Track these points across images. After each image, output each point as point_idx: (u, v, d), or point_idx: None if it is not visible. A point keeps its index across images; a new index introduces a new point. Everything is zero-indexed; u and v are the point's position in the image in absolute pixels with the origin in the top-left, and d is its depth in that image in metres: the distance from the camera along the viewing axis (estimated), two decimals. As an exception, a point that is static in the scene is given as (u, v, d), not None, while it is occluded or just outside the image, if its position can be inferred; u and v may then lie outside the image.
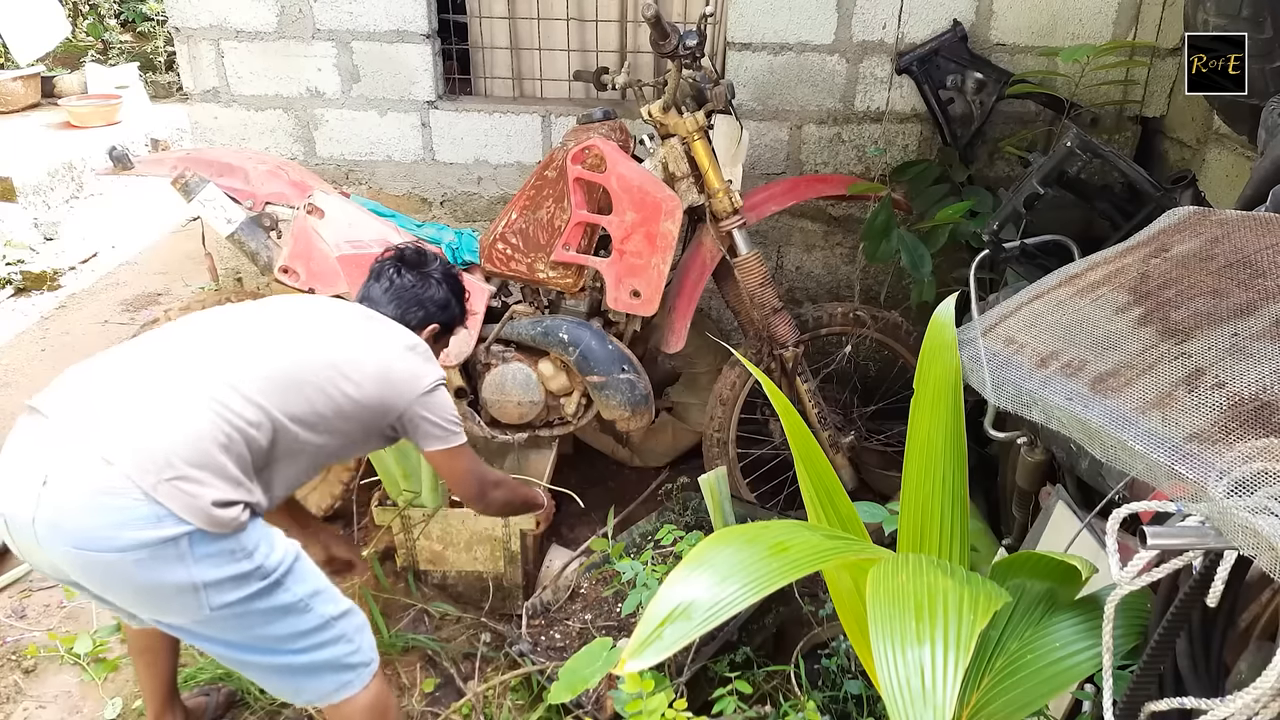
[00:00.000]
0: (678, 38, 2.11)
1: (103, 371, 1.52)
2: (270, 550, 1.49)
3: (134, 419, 1.42)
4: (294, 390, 1.56)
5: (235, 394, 1.49)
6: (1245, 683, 0.96)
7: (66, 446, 1.40)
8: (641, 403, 2.41)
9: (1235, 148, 2.39)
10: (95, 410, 1.44)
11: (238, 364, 1.53)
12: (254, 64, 2.95)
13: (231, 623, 1.48)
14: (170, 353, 1.56)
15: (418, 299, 1.87)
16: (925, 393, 1.41)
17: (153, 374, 1.51)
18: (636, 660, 0.96)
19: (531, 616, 2.19)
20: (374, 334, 1.74)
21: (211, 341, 1.59)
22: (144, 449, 1.39)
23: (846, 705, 1.89)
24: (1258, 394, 1.06)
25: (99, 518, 1.36)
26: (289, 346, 1.61)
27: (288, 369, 1.57)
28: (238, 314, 1.68)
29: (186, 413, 1.44)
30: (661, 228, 2.24)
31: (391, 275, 1.87)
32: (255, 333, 1.63)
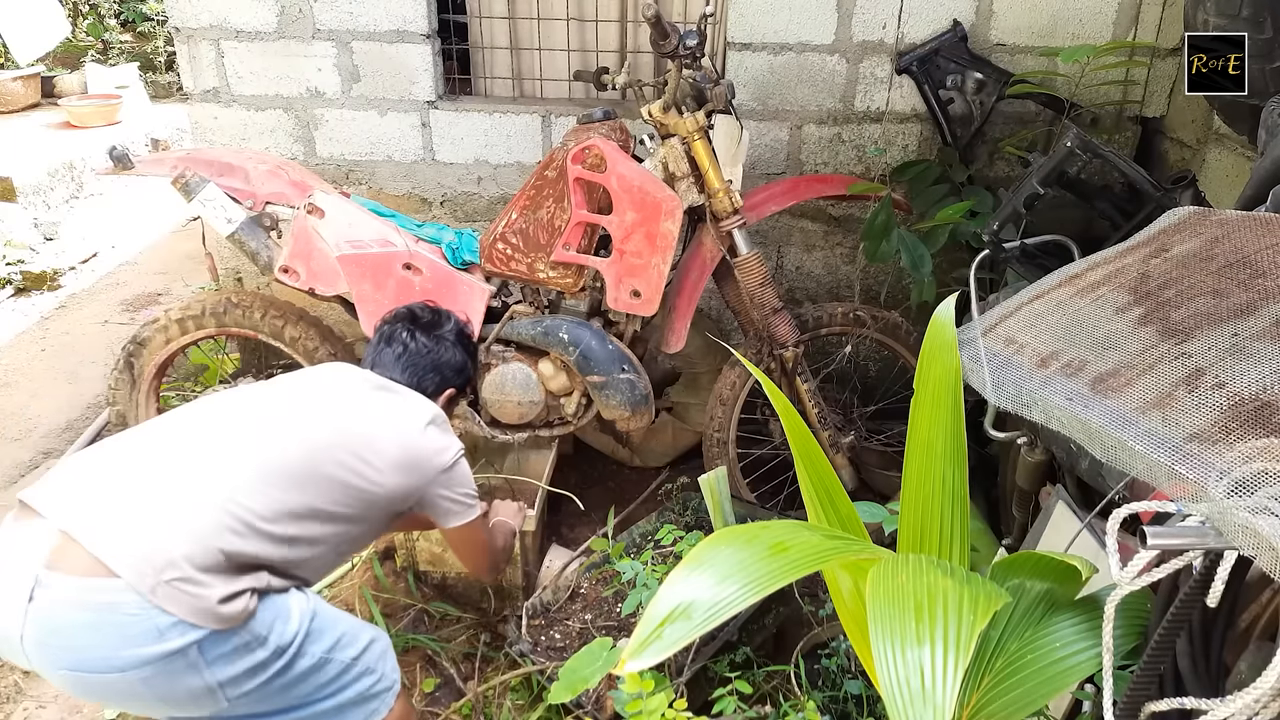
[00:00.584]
0: (678, 38, 2.11)
1: (101, 465, 1.42)
2: (285, 625, 1.42)
3: (133, 518, 1.33)
4: (311, 481, 1.47)
5: (247, 488, 1.40)
6: (1245, 683, 0.96)
7: (56, 551, 1.29)
8: (641, 403, 2.41)
9: (1235, 148, 2.39)
10: (91, 508, 1.34)
11: (251, 455, 1.45)
12: (254, 64, 2.95)
13: (254, 704, 1.42)
14: (178, 444, 1.47)
15: (433, 364, 1.79)
16: (925, 393, 1.41)
17: (157, 468, 1.42)
18: (636, 660, 0.96)
19: (531, 616, 2.19)
20: (391, 412, 1.64)
21: (223, 430, 1.50)
22: (143, 551, 1.29)
23: (846, 705, 1.89)
24: (1258, 394, 1.06)
25: (93, 635, 1.27)
26: (304, 432, 1.52)
27: (304, 458, 1.48)
28: (251, 398, 1.59)
29: (191, 511, 1.36)
30: (661, 228, 2.24)
31: (404, 339, 1.78)
32: (269, 419, 1.54)
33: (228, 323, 2.52)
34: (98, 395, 3.44)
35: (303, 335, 2.52)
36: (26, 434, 3.22)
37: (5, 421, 3.30)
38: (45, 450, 3.12)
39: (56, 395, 3.48)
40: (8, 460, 3.06)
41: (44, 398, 3.46)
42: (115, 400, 2.56)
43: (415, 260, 2.34)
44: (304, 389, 1.64)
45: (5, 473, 2.99)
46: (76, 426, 3.25)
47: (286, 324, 2.53)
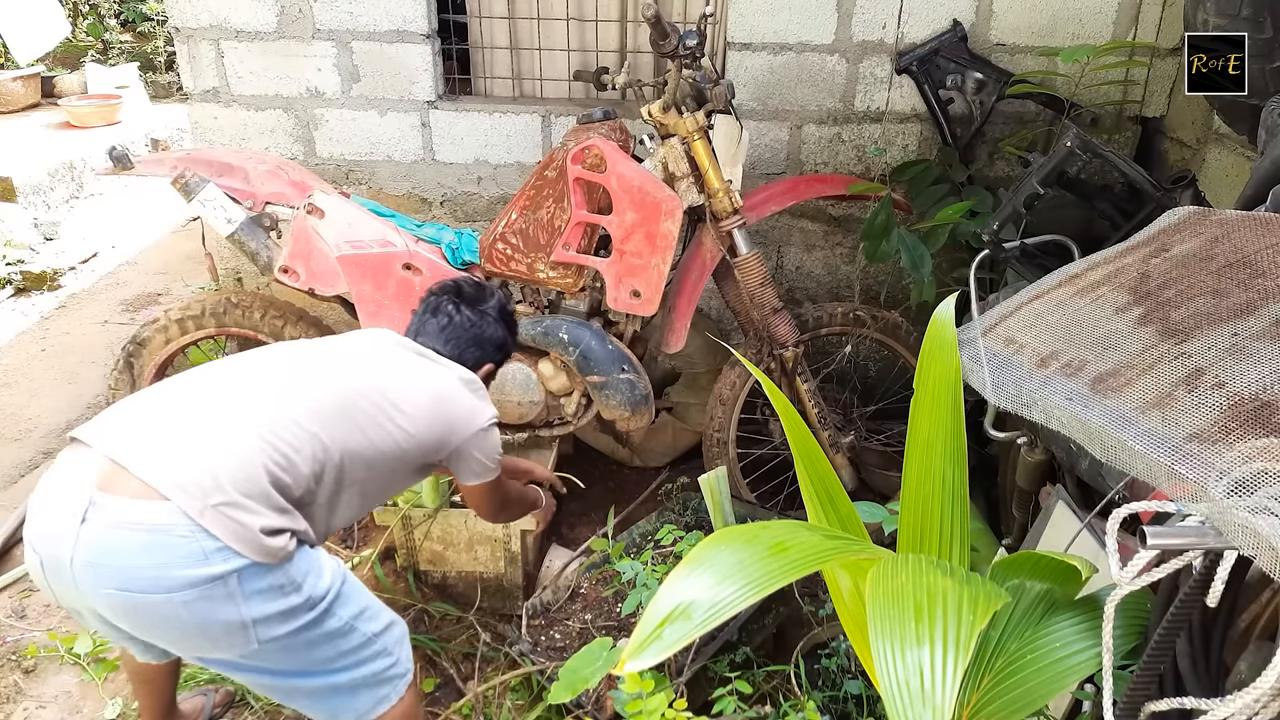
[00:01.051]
0: (678, 38, 2.11)
1: (149, 403, 1.49)
2: (319, 579, 1.46)
3: (179, 447, 1.38)
4: (344, 419, 1.52)
5: (285, 421, 1.45)
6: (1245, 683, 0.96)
7: (107, 477, 1.34)
8: (641, 403, 2.41)
9: (1235, 148, 2.39)
10: (139, 438, 1.39)
11: (287, 392, 1.50)
12: (254, 64, 2.95)
13: (278, 654, 1.45)
14: (219, 384, 1.53)
15: (476, 338, 1.82)
16: (925, 393, 1.41)
17: (200, 404, 1.48)
18: (636, 660, 0.96)
19: (531, 616, 2.19)
20: (428, 369, 1.70)
21: (261, 373, 1.56)
22: (190, 475, 1.34)
23: (846, 705, 1.89)
24: (1258, 394, 1.06)
25: (144, 557, 1.31)
26: (339, 375, 1.58)
27: (338, 397, 1.54)
28: (289, 349, 1.66)
29: (234, 439, 1.40)
30: (661, 228, 2.24)
31: (450, 311, 1.81)
32: (305, 364, 1.60)
33: (228, 323, 2.52)
34: (98, 395, 3.44)
35: (303, 335, 2.52)
36: (26, 434, 3.22)
37: (5, 421, 3.30)
38: (45, 450, 3.12)
39: (56, 395, 3.48)
40: (8, 460, 3.06)
41: (44, 398, 3.46)
42: (115, 400, 2.56)
43: (415, 260, 2.34)
44: (346, 345, 1.70)
45: (5, 473, 2.99)
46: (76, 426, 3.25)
47: (286, 324, 2.53)
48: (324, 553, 1.51)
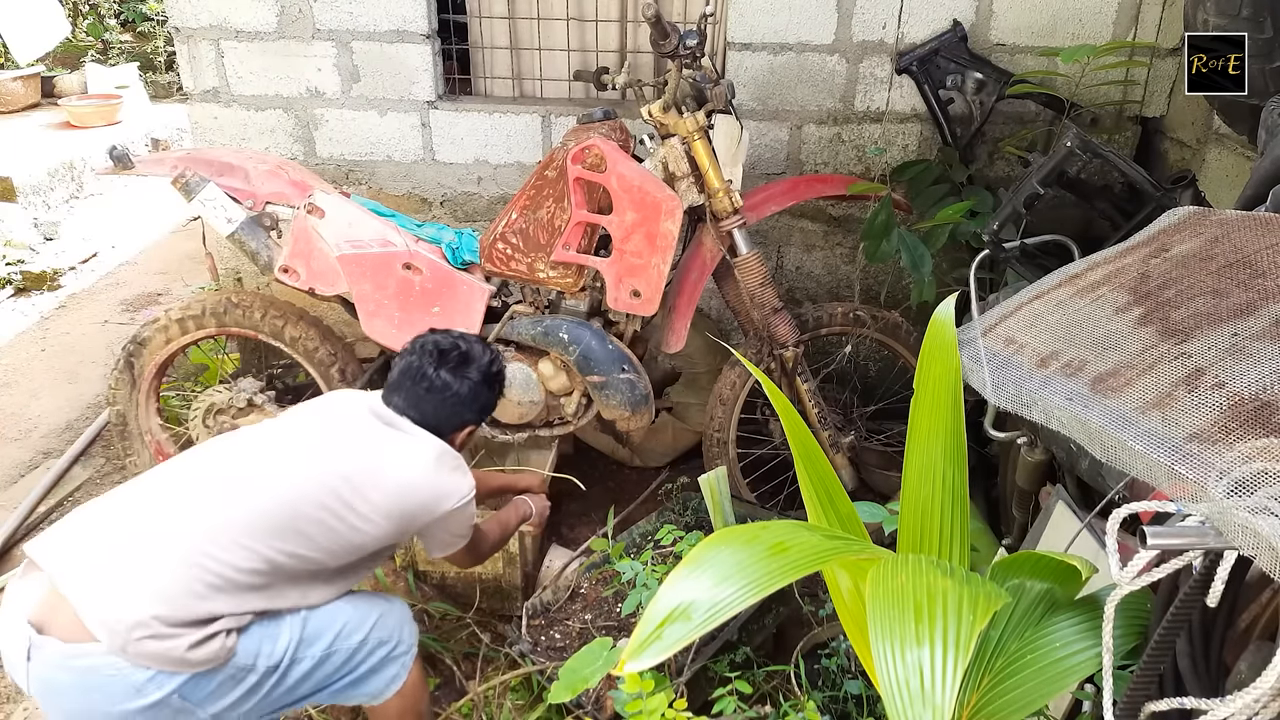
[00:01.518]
0: (678, 37, 2.11)
1: (98, 517, 1.48)
2: (273, 645, 1.47)
3: (111, 577, 1.39)
4: (290, 530, 1.47)
5: (222, 540, 1.43)
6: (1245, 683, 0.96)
7: (45, 611, 1.38)
8: (641, 403, 2.41)
9: (1235, 148, 2.39)
10: (80, 564, 1.40)
11: (231, 505, 1.47)
12: (254, 64, 2.94)
13: (263, 709, 1.49)
14: (162, 496, 1.50)
15: (456, 406, 1.69)
16: (925, 393, 1.41)
17: (141, 520, 1.46)
18: (636, 660, 0.96)
19: (531, 616, 2.19)
20: (398, 449, 1.61)
21: (208, 482, 1.51)
22: (114, 611, 1.36)
23: (846, 705, 1.89)
24: (1258, 394, 1.06)
25: (84, 697, 1.36)
26: (291, 480, 1.52)
27: (285, 508, 1.48)
28: (249, 440, 1.60)
29: (163, 564, 1.40)
30: (661, 228, 2.24)
31: (430, 377, 1.67)
32: (260, 465, 1.54)
33: (228, 323, 2.52)
34: (98, 395, 3.44)
35: (303, 335, 2.52)
36: (26, 434, 3.22)
37: (5, 421, 3.30)
38: (45, 450, 3.12)
39: (56, 395, 3.48)
40: (7, 460, 3.06)
41: (44, 398, 3.46)
42: (115, 400, 2.56)
43: (415, 260, 2.34)
44: (308, 428, 1.63)
45: (5, 473, 2.99)
46: (76, 426, 3.25)
47: (286, 324, 2.52)
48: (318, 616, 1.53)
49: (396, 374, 1.71)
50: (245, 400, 2.59)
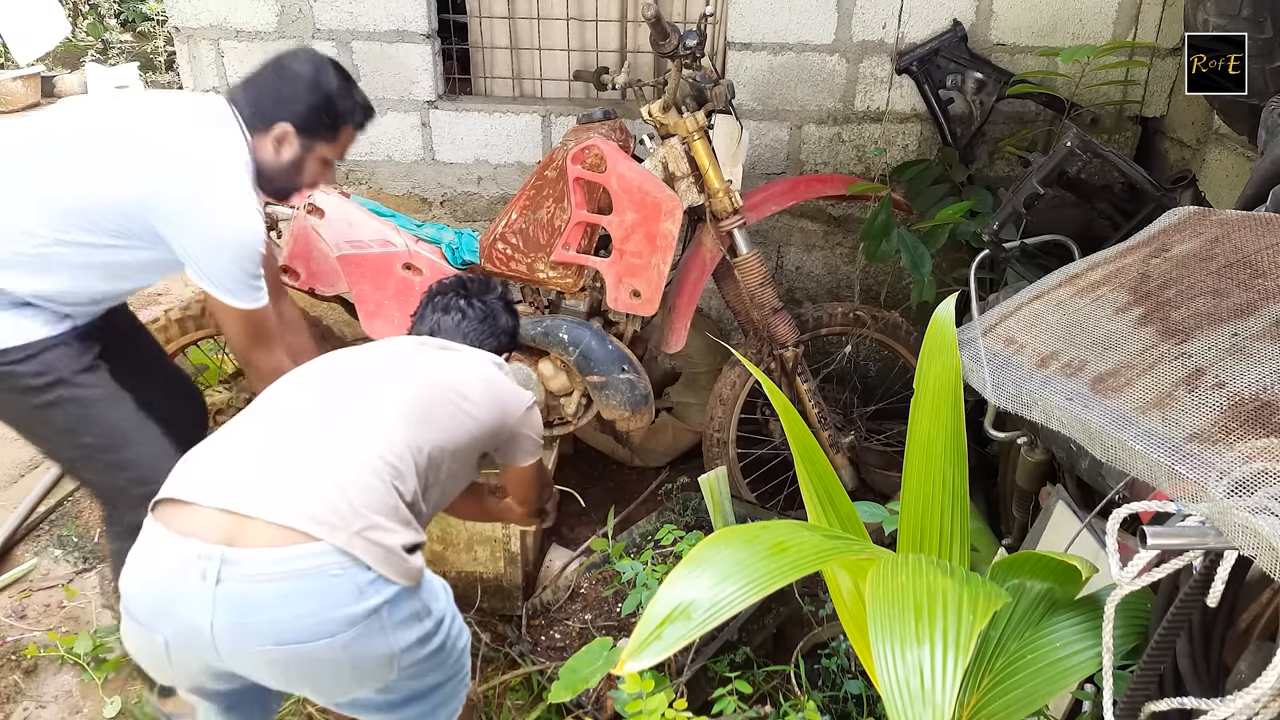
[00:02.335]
0: (678, 38, 2.11)
1: (235, 443, 1.41)
2: (436, 601, 1.45)
3: (299, 481, 1.32)
4: (429, 421, 1.50)
5: (384, 434, 1.42)
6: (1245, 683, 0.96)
7: (230, 531, 1.26)
8: (641, 403, 2.41)
9: (1235, 148, 2.39)
10: (249, 482, 1.31)
11: (374, 406, 1.47)
12: (254, 64, 2.93)
13: (406, 682, 1.43)
14: (300, 410, 1.47)
15: (492, 328, 1.84)
16: (925, 393, 1.41)
17: (292, 433, 1.41)
18: (636, 660, 0.96)
19: (531, 616, 2.19)
20: (471, 358, 1.70)
21: (337, 391, 1.51)
22: (325, 507, 1.28)
23: (846, 705, 1.89)
24: (1258, 394, 1.06)
25: (299, 604, 1.25)
26: (410, 379, 1.56)
27: (419, 400, 1.51)
28: (344, 364, 1.61)
29: (349, 462, 1.36)
30: (661, 228, 2.24)
31: (462, 306, 1.81)
32: (374, 374, 1.56)
33: (228, 323, 2.51)
34: (98, 395, 3.43)
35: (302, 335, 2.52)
36: (26, 434, 3.22)
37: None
38: (45, 450, 3.11)
39: (56, 395, 3.48)
40: (8, 460, 3.06)
41: (44, 398, 3.46)
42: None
43: (415, 260, 2.34)
44: (393, 351, 1.66)
45: (5, 472, 2.99)
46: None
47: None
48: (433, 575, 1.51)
49: (427, 319, 1.82)
50: (245, 400, 2.59)
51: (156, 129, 1.72)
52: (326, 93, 1.83)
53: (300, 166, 1.87)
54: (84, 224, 1.67)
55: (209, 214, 1.69)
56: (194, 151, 1.71)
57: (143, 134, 1.71)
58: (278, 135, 1.81)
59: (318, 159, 1.89)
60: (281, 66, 1.84)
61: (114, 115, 1.75)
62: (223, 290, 1.73)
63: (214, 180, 1.70)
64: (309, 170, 1.89)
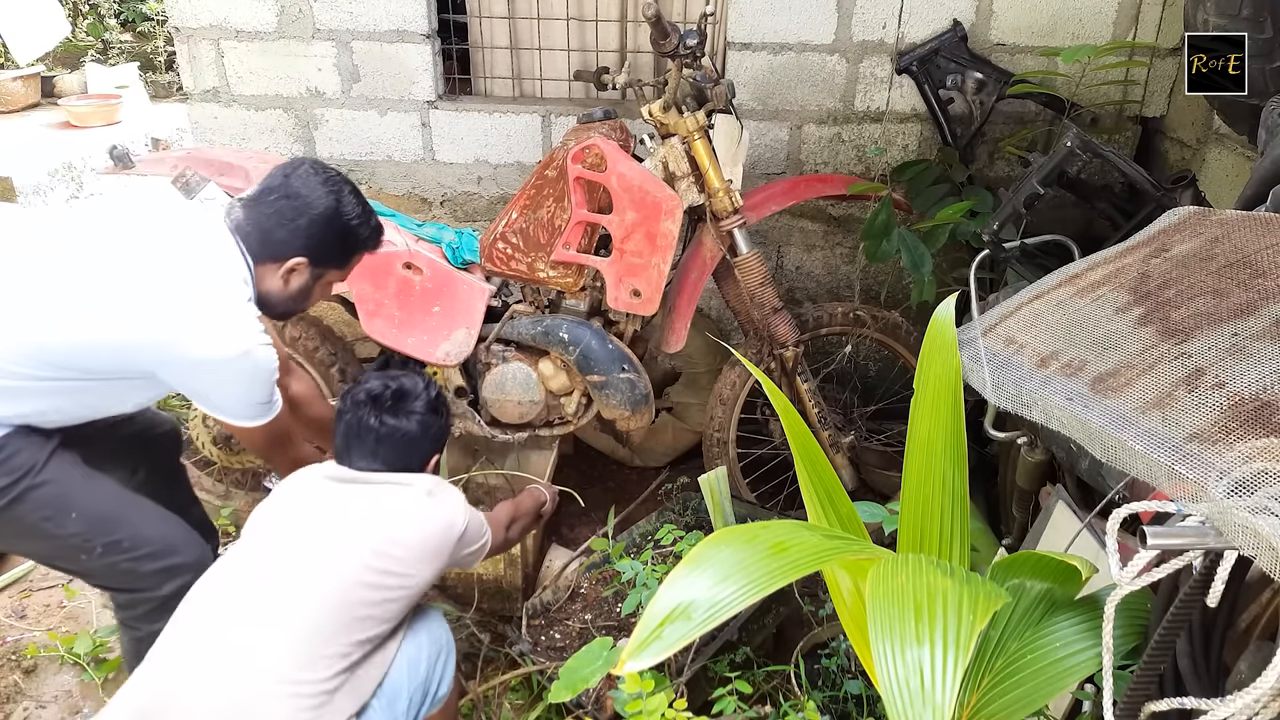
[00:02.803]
0: (678, 37, 2.11)
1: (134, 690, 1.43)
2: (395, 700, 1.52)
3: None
4: (351, 623, 1.48)
5: (300, 663, 1.42)
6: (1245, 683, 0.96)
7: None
8: (641, 402, 2.41)
9: (1235, 148, 2.39)
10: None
11: (287, 632, 1.43)
12: (254, 64, 2.94)
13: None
14: (218, 629, 1.45)
15: (412, 444, 1.67)
16: (925, 393, 1.41)
17: (212, 662, 1.41)
18: (636, 660, 0.96)
19: (531, 616, 2.19)
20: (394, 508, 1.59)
21: (242, 616, 1.46)
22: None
23: (846, 705, 1.89)
24: (1258, 394, 1.06)
25: None
26: (324, 586, 1.48)
27: (336, 609, 1.47)
28: (251, 573, 1.52)
29: (259, 707, 1.38)
30: (662, 227, 2.24)
31: (374, 426, 1.63)
32: (284, 587, 1.48)
33: (228, 323, 2.51)
34: (98, 395, 3.43)
35: (302, 335, 2.53)
36: (26, 434, 3.22)
37: (5, 421, 3.30)
38: (45, 450, 3.11)
39: (56, 395, 3.48)
40: (8, 460, 3.05)
41: (44, 397, 3.46)
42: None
43: (415, 260, 2.34)
44: (301, 525, 1.57)
45: (5, 472, 2.99)
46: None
47: (286, 324, 2.52)
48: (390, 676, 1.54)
49: (341, 438, 1.66)
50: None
51: (150, 266, 1.57)
52: (347, 224, 1.71)
53: (308, 294, 1.78)
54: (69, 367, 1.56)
55: (220, 364, 1.58)
56: (194, 297, 1.56)
57: (135, 271, 1.56)
58: (290, 268, 1.70)
59: (326, 284, 1.81)
60: (295, 194, 1.67)
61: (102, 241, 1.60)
62: (236, 417, 1.67)
63: (219, 327, 1.57)
64: (315, 295, 1.81)
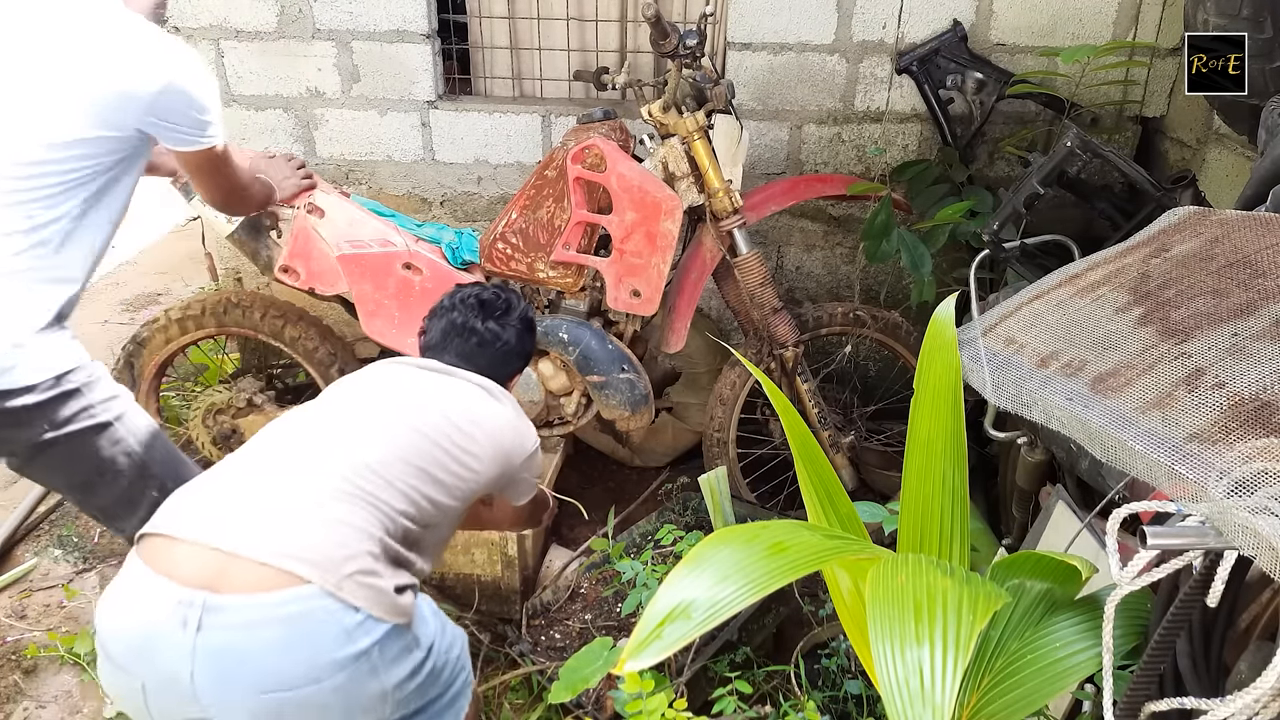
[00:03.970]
0: (678, 37, 2.11)
1: (227, 481, 1.37)
2: (426, 626, 1.41)
3: (289, 520, 1.27)
4: (425, 472, 1.45)
5: (380, 481, 1.37)
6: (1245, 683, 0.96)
7: (213, 572, 1.21)
8: (641, 402, 2.41)
9: (1235, 148, 2.39)
10: (237, 520, 1.27)
11: (370, 451, 1.41)
12: (254, 64, 2.94)
13: (403, 708, 1.40)
14: (295, 448, 1.42)
15: (507, 354, 1.73)
16: (925, 392, 1.41)
17: (287, 473, 1.36)
18: (636, 660, 0.96)
19: (531, 616, 2.19)
20: (475, 400, 1.61)
21: (333, 432, 1.46)
22: (316, 549, 1.24)
23: (846, 705, 1.89)
24: (1258, 394, 1.06)
25: (287, 651, 1.20)
26: (411, 426, 1.49)
27: (416, 452, 1.45)
28: (345, 398, 1.55)
29: (343, 506, 1.32)
30: (661, 227, 2.24)
31: (479, 330, 1.69)
32: (375, 416, 1.50)
33: (228, 323, 2.52)
34: (98, 395, 3.43)
35: (302, 335, 2.53)
36: (26, 434, 3.22)
37: (5, 421, 3.30)
38: (45, 450, 3.11)
39: (56, 395, 3.48)
40: (8, 460, 3.06)
41: (44, 398, 3.46)
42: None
43: (415, 260, 2.34)
44: (389, 390, 1.59)
45: (5, 472, 2.99)
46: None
47: (286, 324, 2.53)
48: (423, 599, 1.46)
49: (439, 333, 1.71)
50: (245, 400, 2.59)
51: (73, 28, 1.63)
52: None
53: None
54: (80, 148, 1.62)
55: (176, 80, 1.65)
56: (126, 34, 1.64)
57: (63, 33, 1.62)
58: None
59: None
60: None
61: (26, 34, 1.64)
62: (189, 144, 1.72)
63: (134, 39, 1.64)
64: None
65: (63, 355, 1.66)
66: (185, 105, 1.68)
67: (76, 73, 1.60)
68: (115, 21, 1.66)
